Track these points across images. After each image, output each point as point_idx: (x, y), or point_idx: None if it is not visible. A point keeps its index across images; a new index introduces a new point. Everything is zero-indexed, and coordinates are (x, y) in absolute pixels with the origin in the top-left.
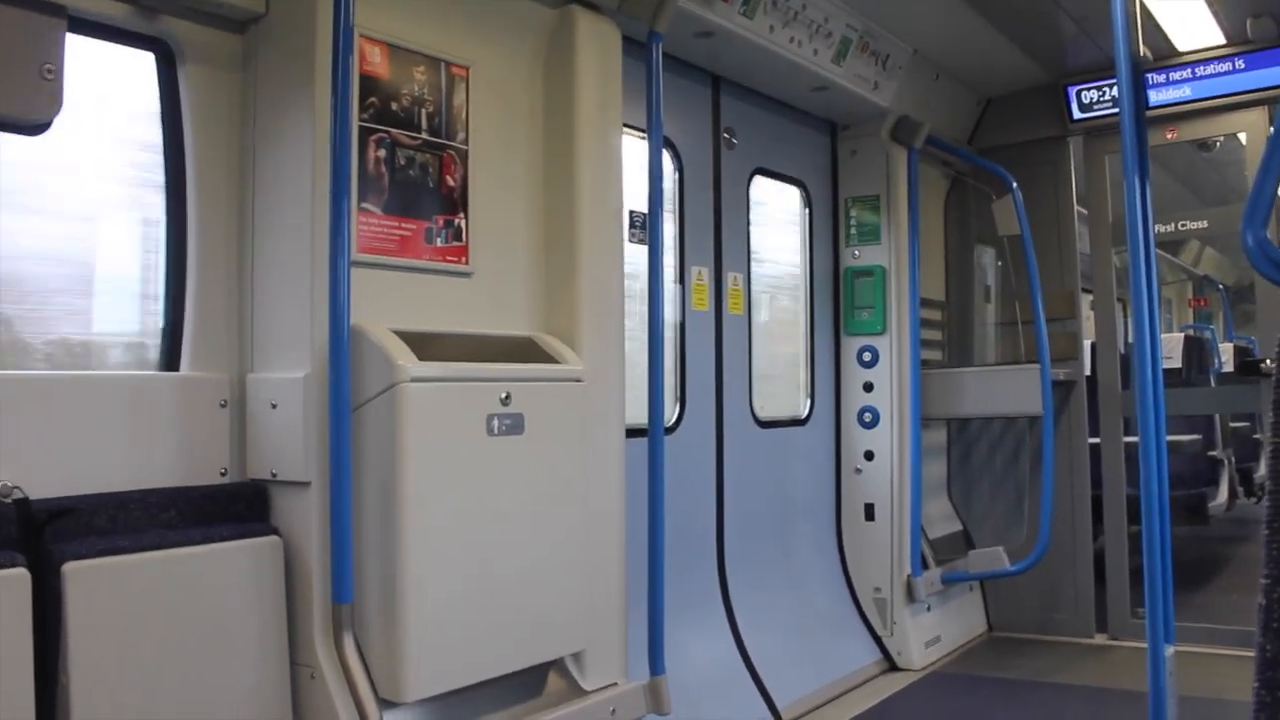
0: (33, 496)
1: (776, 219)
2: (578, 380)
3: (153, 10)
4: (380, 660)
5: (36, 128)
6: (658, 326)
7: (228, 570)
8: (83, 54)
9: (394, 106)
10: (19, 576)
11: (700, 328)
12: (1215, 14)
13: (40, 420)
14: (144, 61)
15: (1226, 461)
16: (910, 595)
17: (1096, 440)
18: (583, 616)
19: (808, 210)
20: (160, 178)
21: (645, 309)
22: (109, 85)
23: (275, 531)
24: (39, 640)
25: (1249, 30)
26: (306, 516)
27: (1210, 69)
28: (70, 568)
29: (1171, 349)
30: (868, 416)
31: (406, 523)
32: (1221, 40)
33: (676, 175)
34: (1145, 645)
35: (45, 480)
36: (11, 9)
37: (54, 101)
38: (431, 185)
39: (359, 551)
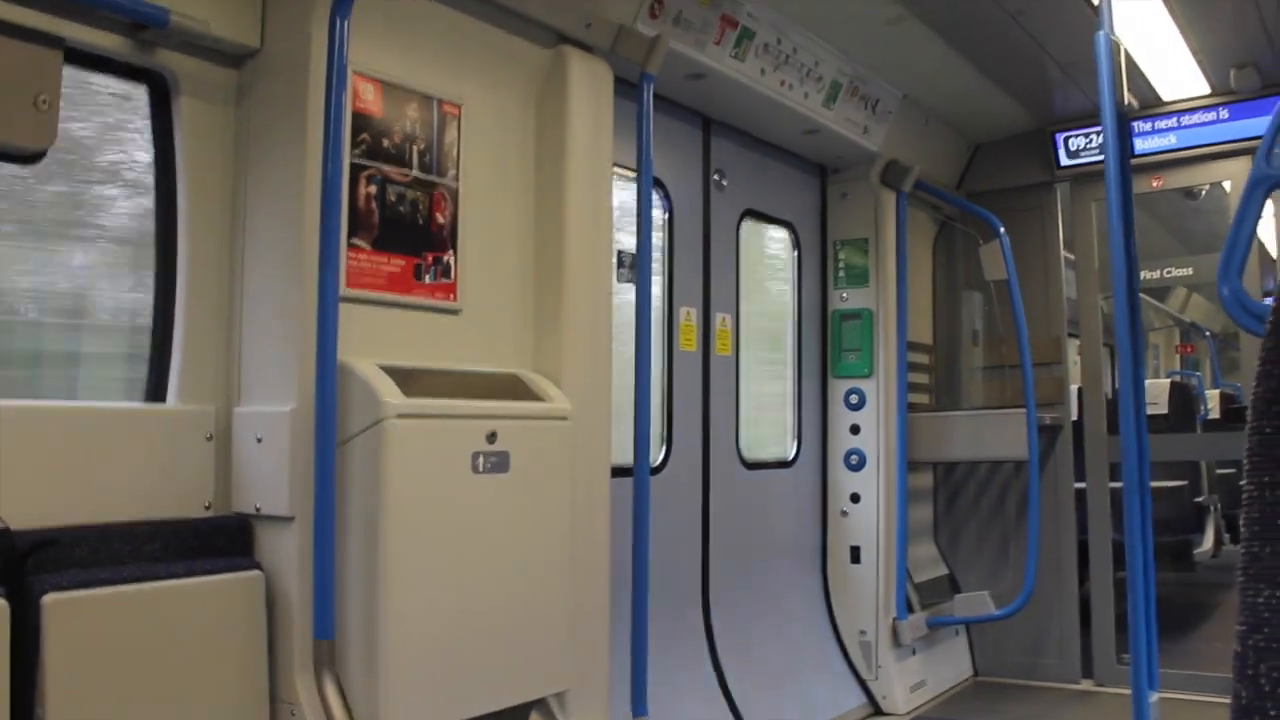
0: (14, 528)
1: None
2: (564, 419)
3: (148, 43)
4: (361, 697)
5: (31, 157)
6: (645, 366)
7: (209, 605)
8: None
9: (386, 143)
10: None
11: (688, 368)
12: (1200, 64)
13: (24, 451)
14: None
15: (1212, 508)
16: (896, 639)
17: (1083, 485)
18: (566, 656)
19: (796, 252)
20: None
21: (633, 348)
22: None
23: (258, 566)
24: (16, 673)
25: (1232, 81)
26: (289, 552)
27: (1195, 118)
28: (50, 600)
29: (1158, 395)
30: (854, 459)
31: (389, 560)
32: (1206, 90)
33: (666, 215)
34: (1130, 692)
35: (27, 511)
36: (8, 39)
37: (49, 131)
38: (421, 222)
39: (341, 588)
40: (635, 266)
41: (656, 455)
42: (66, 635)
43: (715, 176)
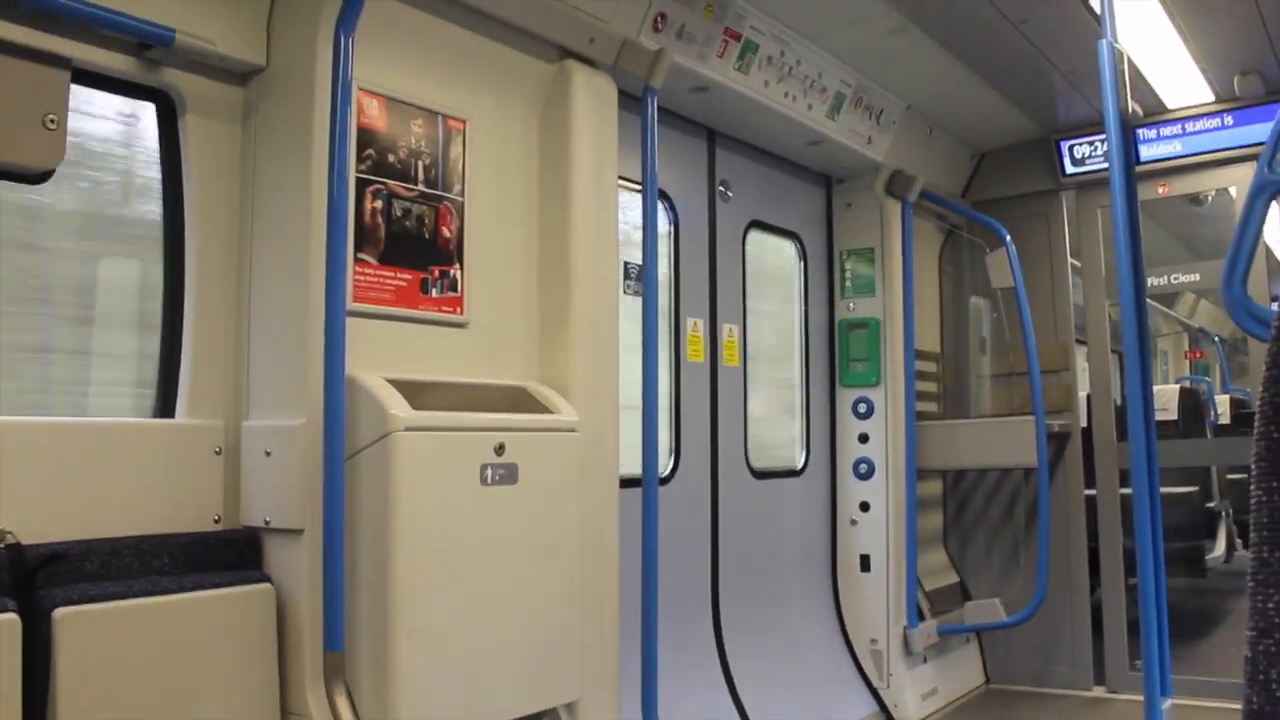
0: (25, 542)
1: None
2: (571, 430)
3: (155, 62)
4: (371, 709)
5: (39, 176)
6: (652, 377)
7: (219, 618)
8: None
9: (391, 158)
10: (9, 622)
11: (695, 379)
12: (1203, 72)
13: (34, 466)
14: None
15: (1224, 513)
16: (906, 647)
17: (1092, 492)
18: (576, 667)
19: (802, 263)
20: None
21: (640, 360)
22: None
23: (268, 579)
24: (28, 687)
25: (1236, 88)
26: (299, 564)
27: (1200, 125)
28: (61, 614)
29: (1167, 401)
30: (863, 468)
31: (399, 572)
32: (1210, 97)
33: (672, 227)
34: (1143, 698)
35: (38, 526)
36: (16, 60)
37: (56, 150)
38: (427, 236)
39: (351, 600)
40: (642, 278)
41: (665, 465)
42: (77, 649)
43: (720, 188)
